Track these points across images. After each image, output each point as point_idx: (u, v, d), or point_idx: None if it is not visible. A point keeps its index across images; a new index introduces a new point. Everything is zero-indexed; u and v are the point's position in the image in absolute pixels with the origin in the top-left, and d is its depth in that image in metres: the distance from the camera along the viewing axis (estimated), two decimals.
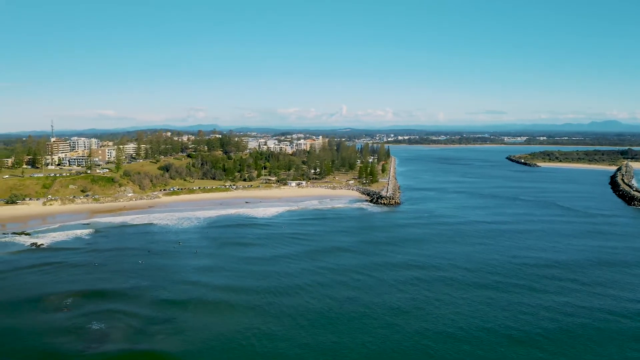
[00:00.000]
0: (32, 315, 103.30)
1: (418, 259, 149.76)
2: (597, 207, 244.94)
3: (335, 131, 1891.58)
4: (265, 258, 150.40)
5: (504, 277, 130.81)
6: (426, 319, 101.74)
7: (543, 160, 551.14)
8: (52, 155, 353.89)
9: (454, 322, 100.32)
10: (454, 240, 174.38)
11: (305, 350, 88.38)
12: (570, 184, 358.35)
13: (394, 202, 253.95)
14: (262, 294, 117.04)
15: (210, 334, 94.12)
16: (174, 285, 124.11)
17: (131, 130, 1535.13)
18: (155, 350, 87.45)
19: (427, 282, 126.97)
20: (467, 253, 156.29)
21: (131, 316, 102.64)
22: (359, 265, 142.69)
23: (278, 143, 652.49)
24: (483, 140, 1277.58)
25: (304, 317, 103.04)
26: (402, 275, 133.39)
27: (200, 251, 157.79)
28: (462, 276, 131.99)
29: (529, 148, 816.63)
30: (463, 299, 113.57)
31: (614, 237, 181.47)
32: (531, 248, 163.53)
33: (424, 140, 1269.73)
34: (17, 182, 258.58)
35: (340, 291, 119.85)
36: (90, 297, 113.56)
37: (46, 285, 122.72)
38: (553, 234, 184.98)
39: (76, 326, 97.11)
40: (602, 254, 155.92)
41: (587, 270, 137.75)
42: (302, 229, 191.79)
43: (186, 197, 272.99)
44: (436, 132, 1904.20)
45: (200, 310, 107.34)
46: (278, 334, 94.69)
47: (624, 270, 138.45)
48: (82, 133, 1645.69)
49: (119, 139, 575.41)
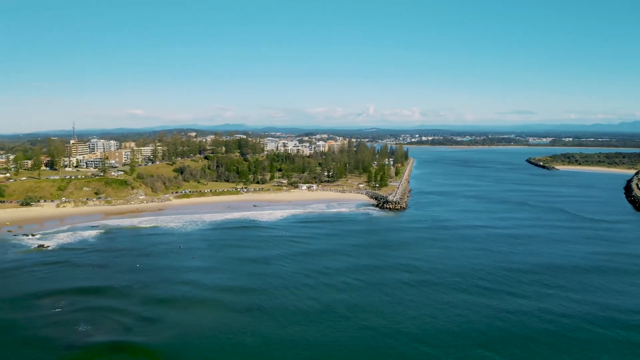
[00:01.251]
0: (30, 309, 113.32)
1: (408, 262, 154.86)
2: (604, 213, 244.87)
3: (361, 131, 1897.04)
4: (259, 260, 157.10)
5: (488, 282, 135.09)
6: (400, 321, 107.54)
7: (562, 163, 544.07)
8: (69, 157, 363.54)
9: (426, 324, 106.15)
10: (448, 246, 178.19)
11: (276, 346, 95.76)
12: (583, 188, 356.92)
13: (400, 206, 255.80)
14: (249, 294, 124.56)
15: (193, 330, 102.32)
16: (166, 284, 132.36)
17: (158, 129, 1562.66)
18: (137, 343, 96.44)
19: (411, 286, 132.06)
20: (458, 257, 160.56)
21: (121, 312, 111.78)
22: (348, 268, 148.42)
23: (299, 144, 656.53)
24: (507, 141, 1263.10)
25: (285, 316, 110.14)
26: (388, 278, 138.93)
27: (198, 254, 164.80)
28: (446, 280, 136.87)
29: (551, 150, 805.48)
30: (442, 303, 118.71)
31: (612, 243, 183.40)
32: (523, 253, 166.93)
33: (447, 141, 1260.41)
34: (33, 184, 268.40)
35: (325, 293, 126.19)
36: (84, 294, 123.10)
37: (45, 283, 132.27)
38: (550, 240, 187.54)
39: (68, 320, 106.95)
40: (594, 260, 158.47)
41: (573, 276, 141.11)
42: (302, 232, 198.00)
43: (197, 200, 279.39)
44: (463, 132, 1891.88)
45: (187, 307, 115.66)
46: (255, 330, 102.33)
47: (611, 277, 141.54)
48: (110, 132, 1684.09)
49: (144, 138, 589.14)
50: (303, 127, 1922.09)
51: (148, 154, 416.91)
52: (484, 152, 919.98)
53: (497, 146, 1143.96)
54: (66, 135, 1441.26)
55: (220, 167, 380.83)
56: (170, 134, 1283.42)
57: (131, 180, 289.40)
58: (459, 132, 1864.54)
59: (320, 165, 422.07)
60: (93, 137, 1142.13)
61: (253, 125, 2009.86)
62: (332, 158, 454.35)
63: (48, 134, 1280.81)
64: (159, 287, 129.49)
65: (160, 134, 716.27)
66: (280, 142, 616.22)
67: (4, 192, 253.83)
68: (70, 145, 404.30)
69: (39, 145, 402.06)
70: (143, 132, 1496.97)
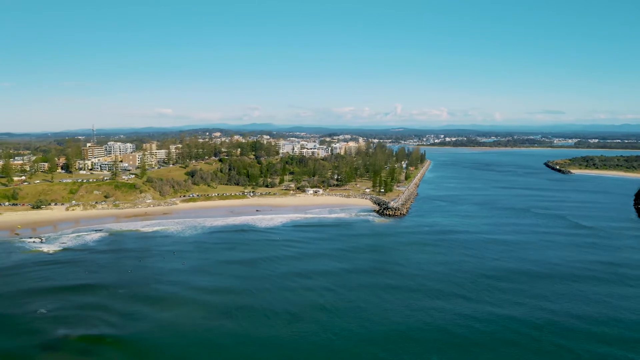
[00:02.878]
0: (22, 305, 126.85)
1: (391, 267, 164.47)
2: (606, 221, 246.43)
3: (388, 131, 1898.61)
4: (247, 263, 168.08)
5: (462, 289, 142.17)
6: (351, 321, 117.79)
7: (579, 167, 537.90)
8: (84, 160, 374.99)
9: (375, 325, 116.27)
10: (434, 251, 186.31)
11: (248, 345, 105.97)
12: (594, 194, 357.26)
13: (400, 213, 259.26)
14: (231, 295, 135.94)
15: (172, 326, 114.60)
16: (153, 285, 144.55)
17: (185, 129, 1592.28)
18: (115, 335, 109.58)
19: (385, 291, 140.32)
20: (441, 264, 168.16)
21: (105, 309, 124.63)
22: (329, 271, 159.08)
23: (318, 145, 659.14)
24: (532, 142, 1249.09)
25: (261, 317, 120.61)
26: (366, 282, 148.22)
27: (190, 257, 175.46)
28: (423, 286, 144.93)
29: (574, 152, 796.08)
30: (413, 309, 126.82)
31: (600, 252, 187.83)
32: (506, 259, 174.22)
33: (470, 143, 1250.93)
34: (46, 187, 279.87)
35: (302, 296, 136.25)
36: (73, 292, 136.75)
37: (38, 282, 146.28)
38: (540, 248, 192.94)
39: (55, 315, 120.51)
40: (577, 268, 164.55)
41: (550, 285, 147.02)
42: (295, 237, 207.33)
43: (202, 204, 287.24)
44: (490, 132, 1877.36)
45: (170, 306, 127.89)
46: (231, 329, 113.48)
47: (587, 285, 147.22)
48: (139, 131, 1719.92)
49: (164, 140, 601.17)
50: (330, 126, 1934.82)
51: (163, 156, 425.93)
52: (506, 154, 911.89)
53: (520, 148, 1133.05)
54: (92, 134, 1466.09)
55: (232, 170, 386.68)
56: (195, 133, 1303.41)
57: (140, 184, 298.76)
58: (486, 132, 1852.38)
59: (334, 168, 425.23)
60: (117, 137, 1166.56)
61: (280, 124, 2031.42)
62: (345, 162, 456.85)
63: (77, 133, 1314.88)
64: (145, 287, 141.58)
65: (182, 135, 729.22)
66: (297, 144, 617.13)
67: (17, 195, 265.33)
68: (87, 148, 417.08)
69: (54, 151, 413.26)
70: (171, 131, 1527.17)
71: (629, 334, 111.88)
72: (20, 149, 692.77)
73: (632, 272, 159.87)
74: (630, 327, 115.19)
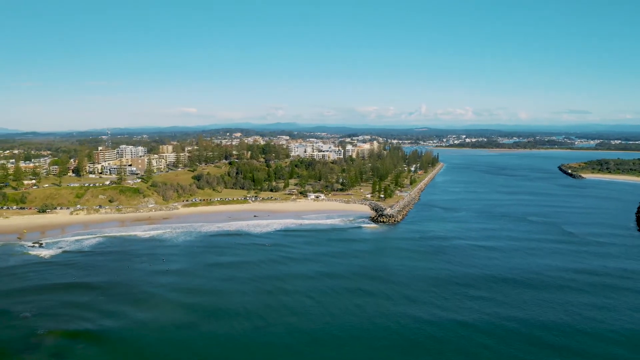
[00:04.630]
0: (18, 300, 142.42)
1: (360, 271, 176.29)
2: (602, 231, 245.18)
3: (411, 131, 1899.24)
4: (232, 267, 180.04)
5: (420, 292, 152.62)
6: (315, 324, 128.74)
7: (592, 172, 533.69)
8: (94, 164, 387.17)
9: (326, 324, 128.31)
10: (413, 257, 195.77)
11: (218, 343, 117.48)
12: (599, 200, 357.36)
13: (394, 220, 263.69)
14: (210, 296, 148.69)
15: (146, 324, 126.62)
16: (136, 286, 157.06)
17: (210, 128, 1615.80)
18: (91, 330, 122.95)
19: (350, 292, 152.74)
20: (412, 268, 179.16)
21: (87, 307, 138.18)
22: (306, 275, 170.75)
23: (333, 147, 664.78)
24: (552, 144, 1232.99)
25: (234, 317, 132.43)
26: (333, 284, 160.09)
27: (175, 264, 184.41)
28: (384, 288, 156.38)
29: (594, 154, 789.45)
30: (369, 310, 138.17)
31: (580, 259, 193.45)
32: (480, 266, 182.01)
33: (489, 144, 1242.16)
34: (54, 192, 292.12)
35: (275, 297, 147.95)
36: (58, 292, 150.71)
37: (27, 282, 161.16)
38: (519, 255, 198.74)
39: (40, 311, 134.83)
40: (547, 276, 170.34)
41: (511, 290, 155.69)
42: (285, 242, 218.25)
43: (203, 209, 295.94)
44: (514, 132, 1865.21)
45: (149, 305, 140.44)
46: (203, 328, 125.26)
47: (544, 292, 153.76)
48: (163, 130, 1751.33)
49: (181, 141, 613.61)
50: (353, 126, 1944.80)
51: (172, 160, 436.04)
52: (524, 156, 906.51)
53: (539, 150, 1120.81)
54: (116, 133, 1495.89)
55: (239, 173, 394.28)
56: (216, 133, 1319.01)
57: (144, 188, 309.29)
58: (510, 132, 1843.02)
59: (344, 171, 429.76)
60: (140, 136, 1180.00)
61: (304, 123, 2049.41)
62: (355, 165, 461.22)
63: (101, 132, 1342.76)
64: (129, 288, 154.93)
65: (200, 136, 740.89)
66: (308, 147, 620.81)
67: (25, 199, 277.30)
68: (98, 151, 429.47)
69: (63, 156, 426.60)
70: (194, 130, 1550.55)
71: (587, 344, 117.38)
72: (42, 149, 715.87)
73: (608, 281, 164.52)
74: (595, 338, 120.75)
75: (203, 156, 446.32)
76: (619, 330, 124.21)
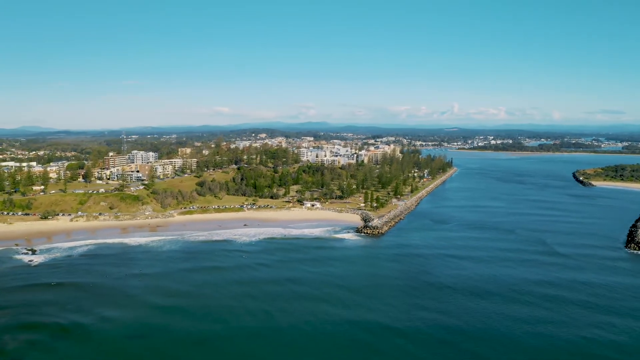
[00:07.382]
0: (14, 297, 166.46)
1: (320, 277, 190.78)
2: (586, 244, 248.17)
3: (441, 131, 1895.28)
4: (203, 272, 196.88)
5: (364, 298, 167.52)
6: (273, 327, 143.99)
7: (604, 179, 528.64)
8: (102, 170, 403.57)
9: (271, 328, 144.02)
10: (373, 265, 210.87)
11: (163, 333, 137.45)
12: (600, 210, 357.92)
13: (378, 232, 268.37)
14: (179, 298, 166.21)
15: (110, 318, 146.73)
16: (109, 287, 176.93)
17: (242, 127, 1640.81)
18: (61, 323, 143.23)
19: (301, 297, 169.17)
20: (368, 275, 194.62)
21: (57, 304, 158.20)
22: (270, 280, 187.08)
23: (349, 149, 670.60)
24: (577, 147, 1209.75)
25: (190, 315, 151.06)
26: (286, 289, 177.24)
27: (153, 269, 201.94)
28: (334, 292, 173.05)
29: (616, 158, 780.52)
30: (307, 312, 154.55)
31: (552, 272, 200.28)
32: (438, 276, 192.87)
33: (513, 147, 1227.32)
34: (58, 198, 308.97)
35: (239, 299, 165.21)
36: (36, 291, 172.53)
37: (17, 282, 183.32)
38: (486, 268, 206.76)
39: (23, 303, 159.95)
40: (505, 287, 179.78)
41: (458, 299, 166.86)
42: (263, 250, 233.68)
43: (197, 217, 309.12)
44: (546, 133, 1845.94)
45: (118, 305, 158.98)
46: (168, 326, 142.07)
47: (485, 301, 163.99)
48: (194, 130, 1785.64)
49: (203, 142, 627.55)
50: (384, 125, 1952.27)
51: (180, 165, 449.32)
52: (544, 160, 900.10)
53: (563, 153, 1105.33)
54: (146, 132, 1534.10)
55: (244, 179, 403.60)
56: (243, 133, 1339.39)
57: (144, 195, 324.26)
58: (540, 133, 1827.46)
59: (352, 176, 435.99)
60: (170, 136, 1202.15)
61: (335, 123, 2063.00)
62: (362, 172, 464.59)
63: (132, 132, 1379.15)
64: (102, 289, 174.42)
65: (219, 139, 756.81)
66: (320, 151, 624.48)
67: (31, 205, 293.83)
68: (109, 157, 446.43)
69: (75, 163, 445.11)
70: (224, 130, 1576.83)
71: (498, 351, 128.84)
72: (69, 149, 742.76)
73: (556, 293, 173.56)
74: (508, 347, 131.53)
75: (212, 162, 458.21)
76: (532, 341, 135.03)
